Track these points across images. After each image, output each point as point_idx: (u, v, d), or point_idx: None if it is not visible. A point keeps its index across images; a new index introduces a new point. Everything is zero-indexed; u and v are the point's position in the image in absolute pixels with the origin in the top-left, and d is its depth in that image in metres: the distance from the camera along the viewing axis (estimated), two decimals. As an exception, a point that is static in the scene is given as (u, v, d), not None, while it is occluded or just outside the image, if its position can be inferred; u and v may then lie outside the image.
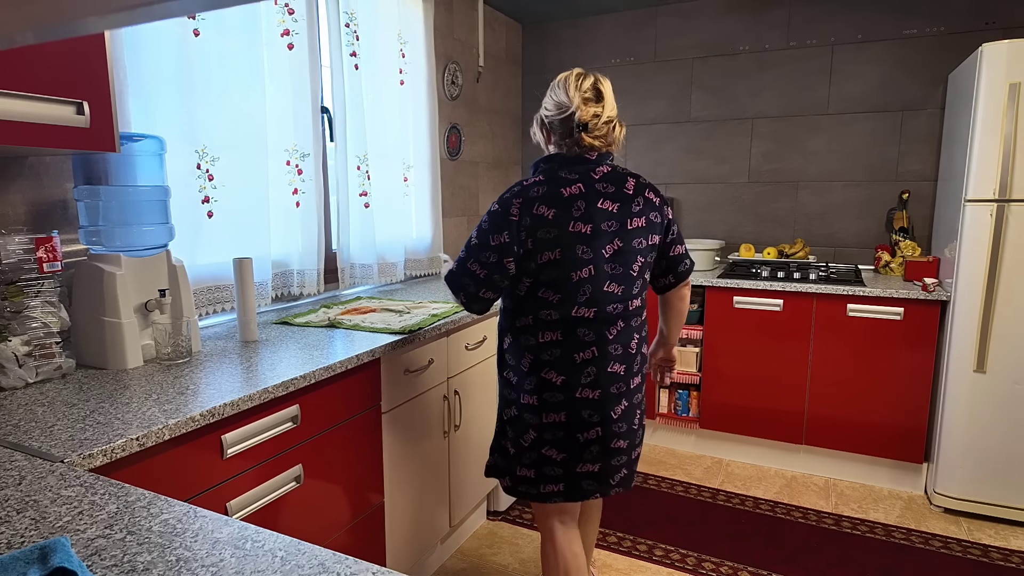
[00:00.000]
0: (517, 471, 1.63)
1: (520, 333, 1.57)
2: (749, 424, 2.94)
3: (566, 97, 1.56)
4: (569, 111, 1.55)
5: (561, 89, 1.57)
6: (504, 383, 1.65)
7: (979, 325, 2.38)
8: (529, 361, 1.56)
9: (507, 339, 1.61)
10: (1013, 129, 2.26)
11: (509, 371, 1.62)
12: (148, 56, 1.67)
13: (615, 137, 1.59)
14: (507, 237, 1.48)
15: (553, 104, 1.58)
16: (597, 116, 1.55)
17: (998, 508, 2.44)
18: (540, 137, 1.63)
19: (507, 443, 1.65)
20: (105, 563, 0.70)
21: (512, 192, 1.51)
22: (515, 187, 1.52)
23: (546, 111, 1.59)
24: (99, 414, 1.17)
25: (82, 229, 1.51)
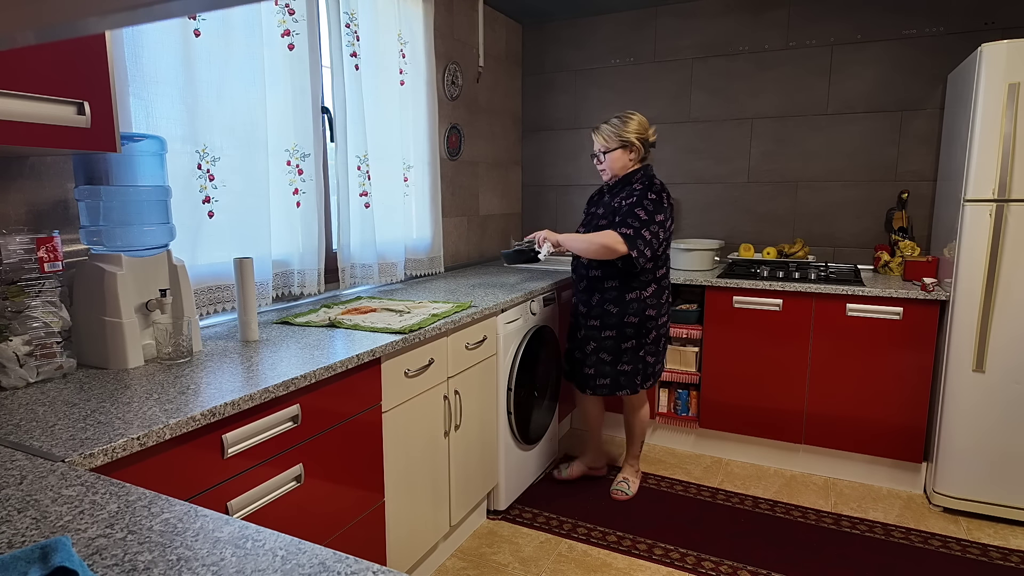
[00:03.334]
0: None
1: (663, 279, 2.48)
2: (748, 423, 2.94)
3: (647, 124, 2.46)
4: (651, 132, 2.46)
5: (641, 118, 2.43)
6: (644, 321, 2.44)
7: (978, 325, 2.38)
8: (662, 298, 2.49)
9: (651, 287, 2.43)
10: (1012, 129, 2.27)
11: (651, 308, 2.44)
12: (149, 56, 1.68)
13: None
14: (660, 217, 2.33)
15: (643, 129, 2.42)
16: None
17: (997, 507, 2.45)
18: (640, 153, 2.43)
19: (646, 355, 2.50)
20: (106, 562, 0.70)
21: (659, 187, 2.36)
22: (656, 184, 2.37)
23: (640, 134, 2.40)
24: (100, 414, 1.17)
25: (83, 229, 1.51)
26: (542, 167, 3.91)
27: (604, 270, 2.40)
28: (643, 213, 2.28)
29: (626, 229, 2.25)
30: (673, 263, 3.26)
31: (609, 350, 2.46)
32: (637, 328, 2.42)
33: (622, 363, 2.46)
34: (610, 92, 3.64)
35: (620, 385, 2.48)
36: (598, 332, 2.45)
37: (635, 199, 2.30)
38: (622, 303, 2.40)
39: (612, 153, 2.38)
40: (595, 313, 2.45)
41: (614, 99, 3.64)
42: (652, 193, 2.30)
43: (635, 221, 2.27)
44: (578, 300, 2.54)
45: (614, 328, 2.43)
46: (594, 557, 2.23)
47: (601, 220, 2.40)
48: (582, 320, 2.51)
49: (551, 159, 3.88)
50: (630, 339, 2.43)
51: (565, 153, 3.83)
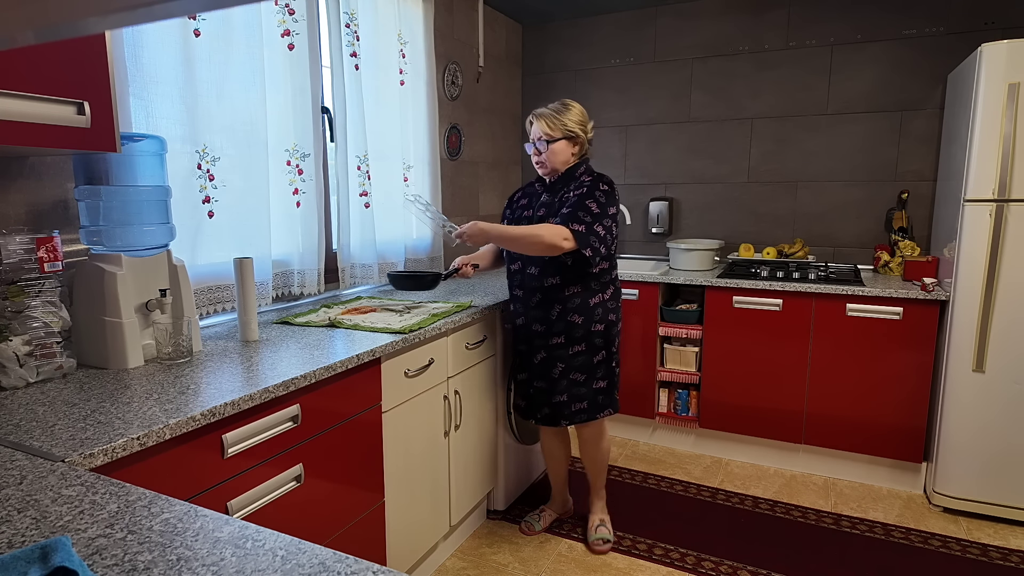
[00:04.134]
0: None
1: (616, 280, 2.21)
2: (748, 423, 2.94)
3: (586, 115, 2.19)
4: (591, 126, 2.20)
5: (581, 108, 2.16)
6: (608, 327, 2.16)
7: (978, 325, 2.38)
8: (618, 301, 2.22)
9: (610, 288, 2.17)
10: (1012, 129, 2.27)
11: (612, 313, 2.17)
12: (149, 56, 1.68)
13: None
14: (612, 211, 2.07)
15: (586, 120, 2.15)
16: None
17: (997, 507, 2.45)
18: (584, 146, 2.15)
19: (616, 366, 2.22)
20: (106, 562, 0.70)
21: (610, 181, 2.10)
22: (606, 178, 2.11)
23: (583, 127, 2.12)
24: (100, 414, 1.17)
25: (83, 229, 1.51)
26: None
27: (563, 276, 2.09)
28: (595, 206, 2.00)
29: (577, 224, 1.96)
30: (673, 263, 3.26)
31: (581, 368, 2.14)
32: (605, 336, 2.15)
33: (597, 380, 2.16)
34: (610, 92, 3.64)
35: (600, 405, 2.18)
36: (565, 350, 2.13)
37: (585, 190, 2.03)
38: (587, 311, 2.11)
39: (556, 144, 2.08)
40: (558, 328, 2.12)
41: (614, 99, 3.64)
42: (604, 184, 2.06)
43: (586, 215, 1.98)
44: (530, 319, 2.16)
45: (583, 341, 2.12)
46: (594, 557, 2.23)
47: (548, 220, 2.11)
48: (540, 341, 2.16)
49: (551, 159, 3.87)
50: (600, 350, 2.15)
51: (565, 153, 3.82)
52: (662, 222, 3.55)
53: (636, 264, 3.62)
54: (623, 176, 3.69)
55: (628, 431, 3.29)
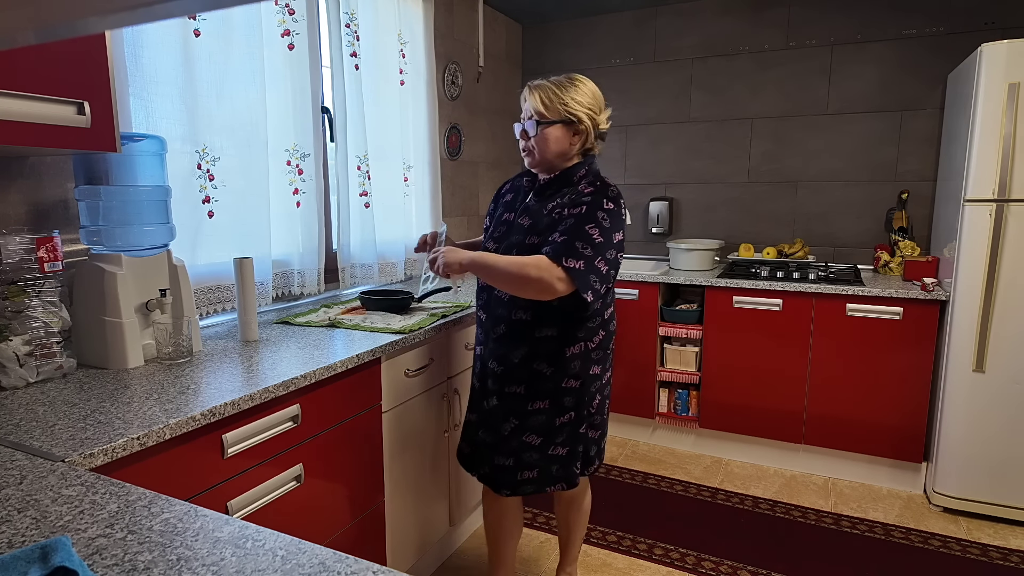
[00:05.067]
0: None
1: (610, 322, 1.72)
2: (748, 423, 2.94)
3: (601, 98, 1.67)
4: (604, 115, 1.67)
5: (594, 87, 1.65)
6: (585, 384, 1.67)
7: (978, 325, 2.38)
8: (608, 348, 1.73)
9: (600, 334, 1.68)
10: (1012, 129, 2.27)
11: (596, 365, 1.68)
12: (149, 56, 1.68)
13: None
14: (620, 236, 1.60)
15: (597, 104, 1.64)
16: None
17: (997, 507, 2.45)
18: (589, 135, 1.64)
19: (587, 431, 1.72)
20: (106, 562, 0.70)
21: (616, 194, 1.60)
22: (612, 189, 1.60)
23: (593, 112, 1.63)
24: (100, 413, 1.17)
25: (83, 229, 1.51)
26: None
27: (537, 311, 1.61)
28: (597, 233, 1.51)
29: (574, 260, 1.48)
30: (673, 263, 3.26)
31: (539, 429, 1.65)
32: (578, 395, 1.65)
33: (555, 445, 1.66)
34: (610, 92, 3.64)
35: (552, 477, 1.68)
36: (523, 403, 1.64)
37: (584, 210, 1.53)
38: (560, 361, 1.62)
39: (550, 128, 1.59)
40: (519, 375, 1.64)
41: (614, 99, 3.64)
42: (609, 201, 1.56)
43: (586, 246, 1.50)
44: (489, 352, 1.70)
45: (547, 397, 1.64)
46: (594, 557, 2.23)
47: (530, 236, 1.60)
48: (494, 384, 1.69)
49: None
50: (568, 411, 1.65)
51: (565, 153, 3.82)
52: (662, 222, 3.55)
53: (636, 264, 3.62)
54: (623, 176, 3.69)
55: (628, 431, 3.29)
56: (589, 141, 1.64)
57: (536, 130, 1.62)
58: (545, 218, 1.60)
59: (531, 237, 1.60)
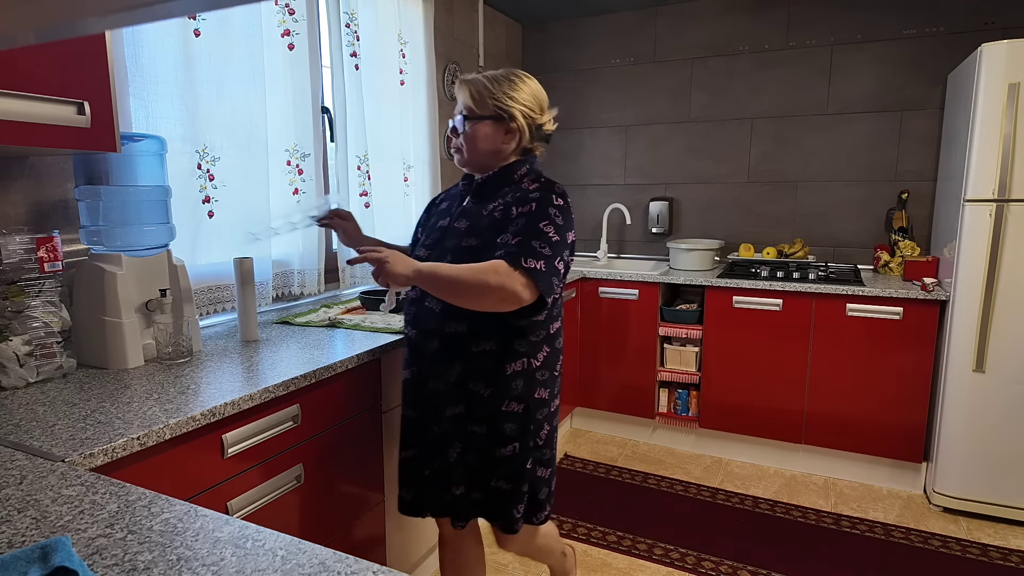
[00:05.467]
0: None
1: (556, 338, 1.53)
2: (748, 423, 2.94)
3: (546, 98, 1.54)
4: (548, 115, 1.53)
5: (538, 88, 1.52)
6: (532, 409, 1.48)
7: (978, 325, 2.38)
8: (555, 369, 1.55)
9: (544, 350, 1.49)
10: (1012, 129, 2.27)
11: (541, 388, 1.50)
12: (149, 56, 1.68)
13: None
14: (572, 237, 1.46)
15: (537, 103, 1.50)
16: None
17: (997, 507, 2.44)
18: (523, 133, 1.48)
19: (536, 467, 1.51)
20: (106, 562, 0.70)
21: (563, 191, 1.47)
22: (558, 186, 1.47)
23: (531, 111, 1.48)
24: (100, 413, 1.17)
25: (83, 229, 1.51)
26: (542, 167, 3.90)
27: (473, 322, 1.43)
28: (553, 231, 1.38)
29: (534, 261, 1.33)
30: (673, 263, 3.26)
31: (481, 457, 1.48)
32: (522, 421, 1.45)
33: (496, 478, 1.47)
34: (610, 92, 3.64)
35: (493, 507, 1.48)
36: (463, 425, 1.47)
37: (535, 207, 1.39)
38: (500, 381, 1.44)
39: (479, 124, 1.46)
40: (456, 395, 1.46)
41: (614, 99, 3.64)
42: (558, 198, 1.43)
43: (544, 245, 1.35)
44: (424, 372, 1.51)
45: (485, 422, 1.45)
46: (594, 557, 2.23)
47: (467, 238, 1.44)
48: (435, 406, 1.50)
49: (551, 159, 3.87)
50: (511, 442, 1.45)
51: (565, 153, 3.83)
52: (662, 222, 3.55)
53: (636, 264, 3.62)
54: (623, 176, 3.69)
55: (628, 431, 3.29)
56: (524, 140, 1.49)
57: (464, 126, 1.48)
58: (484, 219, 1.44)
59: (468, 239, 1.43)
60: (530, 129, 1.49)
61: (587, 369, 3.28)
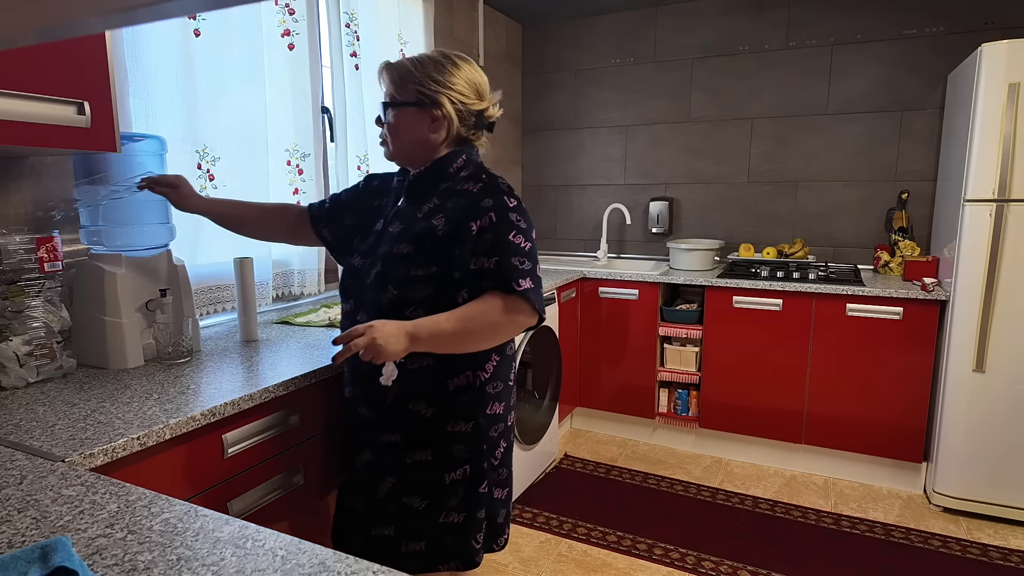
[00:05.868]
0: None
1: (507, 344, 1.39)
2: (748, 423, 2.94)
3: (486, 83, 1.37)
4: (488, 102, 1.37)
5: (474, 71, 1.36)
6: (484, 426, 1.34)
7: (978, 325, 2.38)
8: (508, 379, 1.42)
9: (492, 359, 1.35)
10: (1012, 129, 2.27)
11: (494, 402, 1.36)
12: (149, 56, 1.68)
13: None
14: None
15: (471, 88, 1.34)
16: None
17: (997, 507, 2.44)
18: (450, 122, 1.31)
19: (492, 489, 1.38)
20: (106, 562, 0.70)
21: (510, 187, 1.33)
22: (502, 181, 1.33)
23: (463, 96, 1.32)
24: (100, 413, 1.17)
25: (83, 229, 1.51)
26: (542, 167, 3.91)
27: None
28: (523, 239, 1.26)
29: (523, 280, 1.23)
30: (673, 263, 3.26)
31: (423, 489, 1.32)
32: (473, 442, 1.32)
33: (448, 510, 1.32)
34: (610, 92, 3.64)
35: (445, 553, 1.34)
36: (401, 455, 1.32)
37: (495, 219, 1.25)
38: (442, 397, 1.30)
39: (400, 111, 1.31)
40: (391, 420, 1.32)
41: (614, 99, 3.64)
42: (510, 198, 1.29)
43: (524, 260, 1.24)
44: (356, 395, 1.38)
45: (430, 446, 1.31)
46: (594, 557, 2.23)
47: (399, 245, 1.29)
48: (366, 433, 1.36)
49: (551, 159, 3.87)
50: (461, 464, 1.32)
51: (565, 153, 3.83)
52: (662, 222, 3.55)
53: (636, 264, 3.62)
54: (623, 176, 3.69)
55: (628, 431, 3.29)
56: (454, 129, 1.32)
57: (387, 114, 1.33)
58: (418, 223, 1.29)
59: (400, 246, 1.28)
60: (462, 116, 1.32)
61: (587, 369, 3.28)
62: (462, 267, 1.25)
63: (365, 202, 1.49)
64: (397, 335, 1.16)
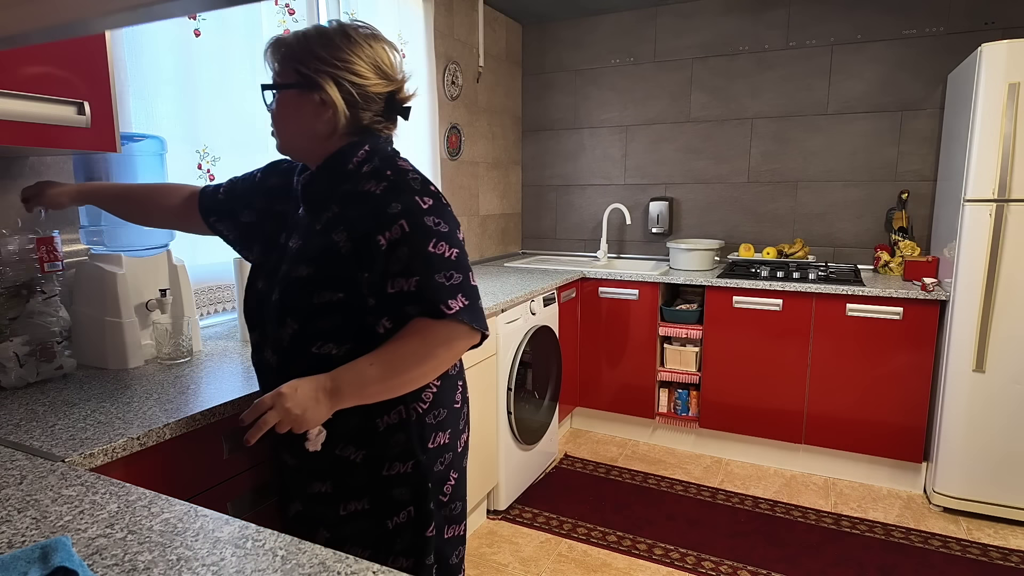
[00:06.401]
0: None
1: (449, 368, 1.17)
2: (748, 423, 2.94)
3: (391, 61, 1.12)
4: (397, 83, 1.12)
5: (378, 47, 1.10)
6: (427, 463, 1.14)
7: (978, 325, 2.38)
8: (456, 401, 1.22)
9: (431, 387, 1.15)
10: (1012, 129, 2.27)
11: (438, 432, 1.16)
12: (149, 56, 1.68)
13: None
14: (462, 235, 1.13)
15: (371, 67, 1.08)
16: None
17: (997, 507, 2.44)
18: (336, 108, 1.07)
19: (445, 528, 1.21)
20: (106, 562, 0.70)
21: (422, 181, 1.10)
22: (412, 175, 1.10)
23: (357, 77, 1.07)
24: (100, 413, 1.17)
25: (83, 229, 1.51)
26: (542, 167, 3.91)
27: (321, 367, 1.05)
28: (446, 247, 1.05)
29: (453, 300, 1.03)
30: (673, 263, 3.26)
31: (363, 538, 1.14)
32: (414, 483, 1.13)
33: (394, 556, 1.15)
34: (610, 92, 3.64)
35: None
36: (333, 507, 1.13)
37: (407, 227, 1.03)
38: (372, 438, 1.11)
39: (282, 96, 1.12)
40: (318, 468, 1.13)
41: (614, 99, 3.64)
42: (425, 197, 1.07)
43: (450, 273, 1.04)
44: (278, 441, 1.17)
45: (365, 494, 1.12)
46: (594, 557, 2.23)
47: (298, 267, 1.09)
48: (294, 483, 1.18)
49: (551, 159, 3.87)
50: (403, 507, 1.13)
51: (565, 153, 3.83)
52: (662, 222, 3.55)
53: (636, 264, 3.62)
54: (623, 176, 3.69)
55: (628, 431, 3.29)
56: (340, 116, 1.08)
57: (266, 98, 1.14)
58: (316, 238, 1.08)
59: (299, 267, 1.08)
60: (356, 100, 1.08)
61: (587, 369, 3.28)
62: (376, 292, 1.04)
63: (264, 204, 1.24)
64: (315, 398, 0.99)
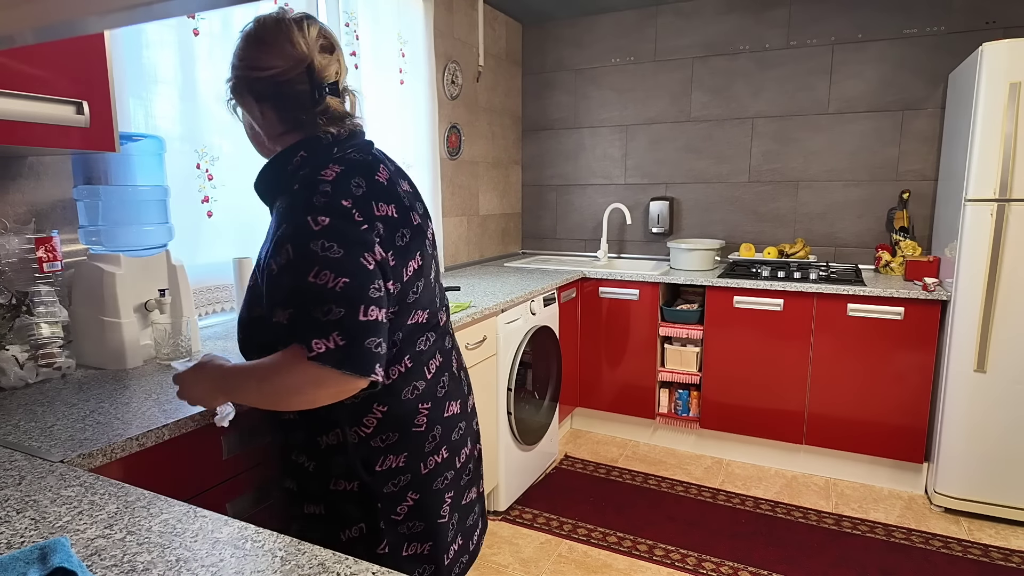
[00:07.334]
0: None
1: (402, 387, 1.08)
2: (749, 424, 2.94)
3: (301, 40, 1.02)
4: (304, 59, 1.02)
5: (290, 29, 1.02)
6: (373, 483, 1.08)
7: (979, 325, 2.38)
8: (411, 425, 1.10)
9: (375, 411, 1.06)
10: (1013, 129, 2.26)
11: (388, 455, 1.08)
12: (149, 56, 1.67)
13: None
14: (378, 255, 0.99)
15: (277, 54, 1.02)
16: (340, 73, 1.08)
17: (998, 508, 2.44)
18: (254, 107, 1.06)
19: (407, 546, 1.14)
20: (105, 563, 0.70)
21: (330, 194, 0.98)
22: (323, 187, 0.99)
23: (262, 69, 1.02)
24: (99, 414, 1.17)
25: (82, 229, 1.51)
26: (542, 167, 3.91)
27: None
28: (330, 276, 0.93)
29: (323, 340, 0.93)
30: (674, 263, 3.26)
31: (323, 543, 1.03)
32: (362, 502, 1.08)
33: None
34: (610, 92, 3.64)
35: None
36: (298, 504, 1.14)
37: (292, 254, 0.95)
38: (317, 453, 1.09)
39: (242, 106, 1.11)
40: (286, 464, 1.15)
41: (614, 98, 3.64)
42: (317, 214, 0.96)
43: (329, 307, 0.93)
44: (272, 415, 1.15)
45: (321, 500, 1.11)
46: (594, 558, 2.23)
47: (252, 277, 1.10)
48: (278, 463, 1.20)
49: (551, 159, 3.87)
50: (355, 523, 1.09)
51: (565, 153, 3.83)
52: (662, 222, 3.55)
53: (636, 264, 3.62)
54: (623, 176, 3.69)
55: (628, 431, 3.29)
56: (270, 114, 1.05)
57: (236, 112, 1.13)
58: (263, 248, 1.05)
59: (252, 276, 1.09)
60: (268, 94, 1.03)
61: (587, 369, 3.27)
62: (267, 318, 0.99)
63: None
64: (205, 390, 1.06)
